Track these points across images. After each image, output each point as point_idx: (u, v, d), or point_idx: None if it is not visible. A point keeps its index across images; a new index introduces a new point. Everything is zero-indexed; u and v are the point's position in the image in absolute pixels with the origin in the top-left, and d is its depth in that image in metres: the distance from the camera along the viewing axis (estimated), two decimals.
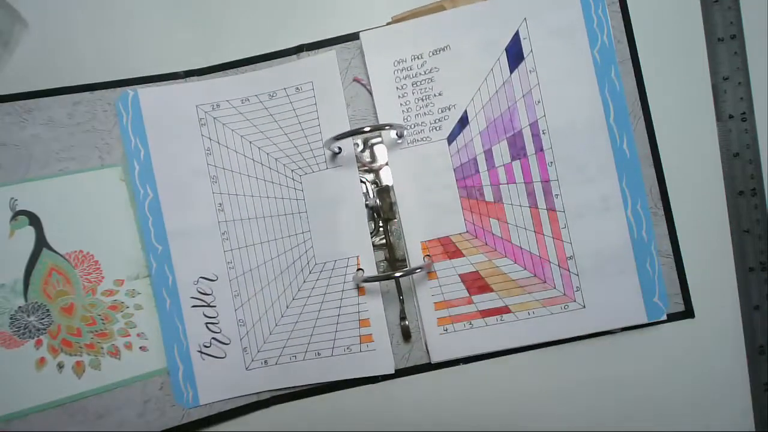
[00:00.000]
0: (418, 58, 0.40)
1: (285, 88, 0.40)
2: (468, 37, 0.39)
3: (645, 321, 0.38)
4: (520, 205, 0.39)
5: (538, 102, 0.39)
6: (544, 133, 0.38)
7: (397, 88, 0.40)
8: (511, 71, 0.39)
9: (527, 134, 0.39)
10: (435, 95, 0.40)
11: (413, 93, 0.40)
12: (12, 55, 0.41)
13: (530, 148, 0.39)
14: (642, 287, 0.38)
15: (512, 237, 0.39)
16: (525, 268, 0.39)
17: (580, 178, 0.38)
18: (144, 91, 0.40)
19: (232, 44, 0.41)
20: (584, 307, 0.38)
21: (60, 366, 0.38)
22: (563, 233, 0.38)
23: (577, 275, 0.38)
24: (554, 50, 0.39)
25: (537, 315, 0.38)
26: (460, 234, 0.39)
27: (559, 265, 0.38)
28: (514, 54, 0.39)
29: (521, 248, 0.39)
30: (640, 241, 0.38)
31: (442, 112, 0.40)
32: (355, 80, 0.40)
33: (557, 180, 0.38)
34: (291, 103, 0.40)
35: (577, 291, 0.38)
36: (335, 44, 0.40)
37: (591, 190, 0.38)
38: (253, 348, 0.39)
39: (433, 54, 0.40)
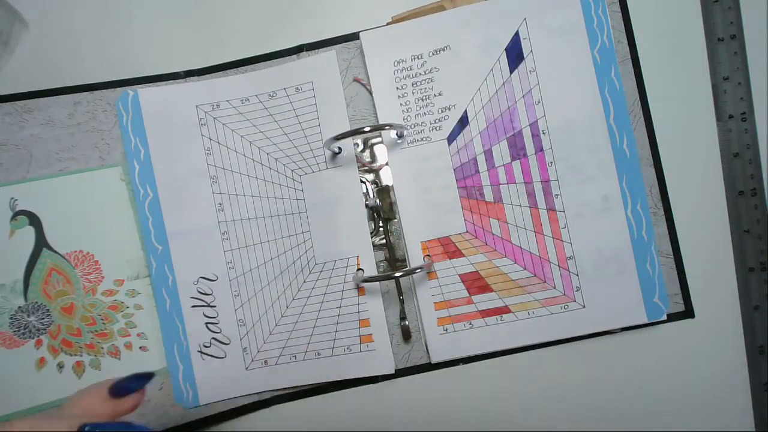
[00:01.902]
0: (418, 58, 0.40)
1: (285, 88, 0.40)
2: (468, 37, 0.39)
3: (645, 321, 0.38)
4: (520, 205, 0.39)
5: (538, 102, 0.39)
6: (544, 133, 0.38)
7: (397, 88, 0.40)
8: (511, 71, 0.39)
9: (527, 134, 0.39)
10: (435, 95, 0.40)
11: (413, 93, 0.40)
12: (12, 55, 0.41)
13: (530, 148, 0.39)
14: (642, 287, 0.38)
15: (512, 237, 0.39)
16: (525, 268, 0.39)
17: (580, 178, 0.38)
18: (144, 91, 0.40)
19: (232, 44, 0.41)
20: (584, 307, 0.38)
21: (60, 366, 0.38)
22: (563, 233, 0.38)
23: (577, 275, 0.38)
24: (554, 50, 0.39)
25: (537, 315, 0.38)
26: (460, 234, 0.39)
27: (559, 265, 0.38)
28: (514, 54, 0.39)
29: (521, 248, 0.39)
30: (640, 241, 0.38)
31: (442, 112, 0.40)
32: (355, 80, 0.40)
33: (557, 180, 0.38)
34: (291, 103, 0.40)
35: (577, 291, 0.38)
36: (335, 44, 0.40)
37: (591, 190, 0.38)
38: (253, 348, 0.39)
39: (433, 54, 0.40)
